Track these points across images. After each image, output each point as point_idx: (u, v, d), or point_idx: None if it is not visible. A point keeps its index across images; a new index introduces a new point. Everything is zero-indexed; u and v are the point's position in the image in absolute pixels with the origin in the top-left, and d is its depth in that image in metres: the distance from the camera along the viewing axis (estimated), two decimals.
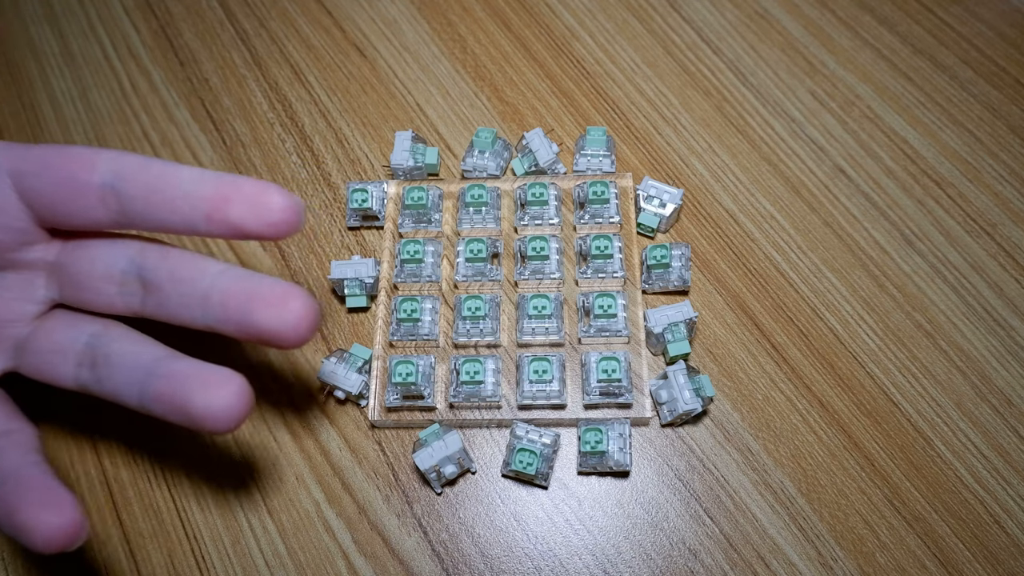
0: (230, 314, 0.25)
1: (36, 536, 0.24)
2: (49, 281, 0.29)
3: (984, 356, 0.34)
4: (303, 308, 0.25)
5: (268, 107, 0.42)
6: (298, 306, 0.25)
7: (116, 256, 0.28)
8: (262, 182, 0.25)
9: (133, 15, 0.46)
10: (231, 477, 0.33)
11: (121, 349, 0.27)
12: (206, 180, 0.25)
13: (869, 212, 0.37)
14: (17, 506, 0.24)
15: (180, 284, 0.26)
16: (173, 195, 0.25)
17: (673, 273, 0.34)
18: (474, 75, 0.42)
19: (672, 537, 0.31)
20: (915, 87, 0.40)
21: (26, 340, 0.28)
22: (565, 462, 0.33)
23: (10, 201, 0.27)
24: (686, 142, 0.39)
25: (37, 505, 0.24)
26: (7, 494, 0.24)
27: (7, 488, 0.25)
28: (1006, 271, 0.36)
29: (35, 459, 0.26)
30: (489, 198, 0.36)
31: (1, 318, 0.28)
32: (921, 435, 0.32)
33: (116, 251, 0.28)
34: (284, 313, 0.24)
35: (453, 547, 0.31)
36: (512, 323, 0.35)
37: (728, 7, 0.44)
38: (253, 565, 0.31)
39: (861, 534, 0.31)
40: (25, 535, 0.24)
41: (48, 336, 0.28)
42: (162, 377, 0.26)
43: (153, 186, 0.26)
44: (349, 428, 0.34)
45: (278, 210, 0.25)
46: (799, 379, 0.34)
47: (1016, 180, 0.38)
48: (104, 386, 0.27)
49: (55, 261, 0.28)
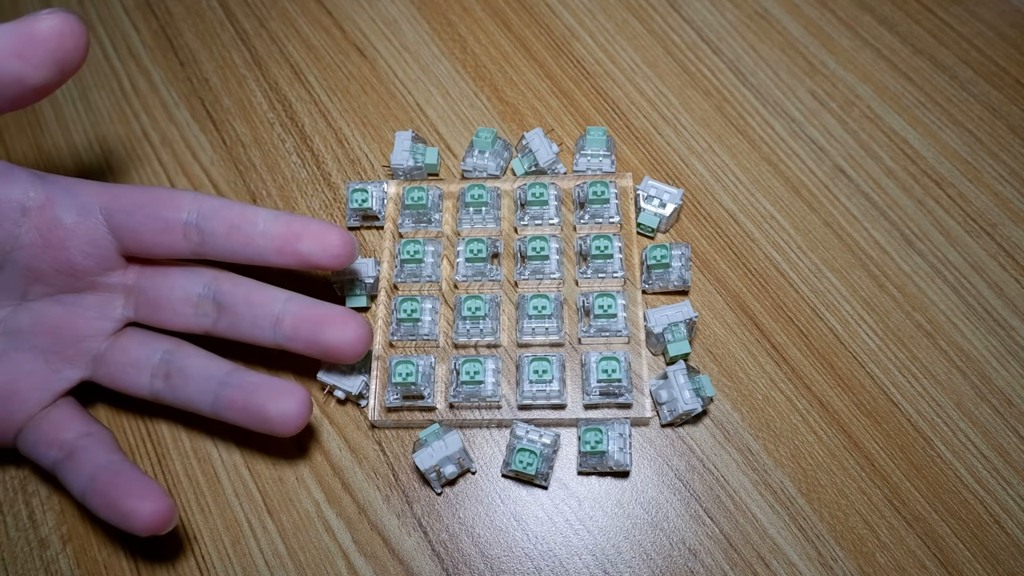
0: (300, 334, 0.30)
1: (137, 522, 0.28)
2: (127, 302, 0.32)
3: (984, 356, 0.34)
4: (360, 329, 0.30)
5: (268, 107, 0.42)
6: (356, 327, 0.30)
7: (193, 282, 0.32)
8: (325, 223, 0.30)
9: (133, 15, 0.46)
10: (231, 477, 0.33)
11: (195, 363, 0.31)
12: (280, 220, 0.30)
13: (869, 212, 0.37)
14: (118, 497, 0.28)
15: (254, 308, 0.31)
16: (251, 232, 0.30)
17: (673, 273, 0.34)
18: (474, 75, 0.42)
19: (672, 537, 0.31)
20: (915, 87, 0.40)
21: (103, 354, 0.32)
22: (565, 462, 0.33)
23: (101, 234, 0.31)
24: (686, 142, 0.39)
25: (135, 495, 0.28)
26: (105, 487, 0.29)
27: (103, 481, 0.29)
28: (1006, 271, 0.36)
29: (120, 456, 0.30)
30: (489, 198, 0.36)
31: (81, 334, 0.32)
32: (921, 435, 0.32)
33: (193, 277, 0.32)
34: (348, 333, 0.30)
35: (453, 547, 0.31)
36: (512, 323, 0.35)
37: (728, 7, 0.44)
38: (253, 565, 0.31)
39: (861, 534, 0.31)
40: (127, 521, 0.28)
41: (124, 351, 0.32)
42: (236, 387, 0.30)
43: (233, 224, 0.30)
44: (349, 428, 0.34)
45: (339, 244, 0.30)
46: (799, 379, 0.34)
47: (1016, 180, 0.38)
48: (178, 395, 0.31)
49: (133, 285, 0.32)
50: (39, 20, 0.28)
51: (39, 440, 0.31)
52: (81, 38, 0.28)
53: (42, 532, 0.32)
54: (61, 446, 0.30)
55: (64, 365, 0.32)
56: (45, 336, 0.31)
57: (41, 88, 0.28)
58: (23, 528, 0.32)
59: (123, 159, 0.41)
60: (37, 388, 0.31)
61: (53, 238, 0.30)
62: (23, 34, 0.27)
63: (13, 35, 0.27)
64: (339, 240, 0.30)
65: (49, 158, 0.41)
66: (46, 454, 0.30)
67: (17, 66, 0.27)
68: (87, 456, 0.30)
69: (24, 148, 0.42)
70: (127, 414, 0.34)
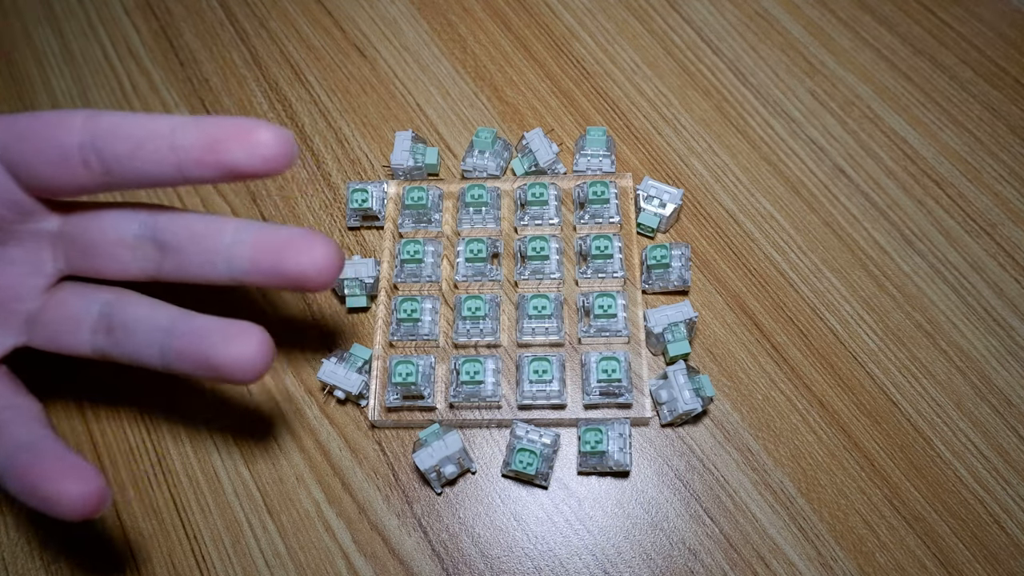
0: (260, 264, 0.26)
1: (63, 507, 0.24)
2: (56, 253, 0.29)
3: (984, 356, 0.34)
4: (328, 249, 0.26)
5: (268, 107, 0.42)
6: (323, 250, 0.26)
7: (127, 221, 0.28)
8: (246, 119, 0.25)
9: (133, 15, 0.46)
10: (231, 477, 0.33)
11: (137, 313, 0.28)
12: (193, 125, 0.25)
13: (869, 212, 0.37)
14: (40, 479, 0.25)
15: (201, 241, 0.27)
16: (160, 146, 0.25)
17: (673, 273, 0.34)
18: (474, 75, 0.42)
19: (672, 537, 0.31)
20: (915, 87, 0.40)
21: (37, 314, 0.29)
22: (565, 462, 0.33)
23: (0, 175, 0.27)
24: (686, 142, 0.39)
25: (59, 476, 0.24)
26: (25, 467, 0.25)
27: (23, 461, 0.25)
28: (1006, 271, 0.36)
29: (45, 432, 0.27)
30: (489, 198, 0.36)
31: (10, 293, 0.28)
32: (921, 435, 0.32)
33: (125, 217, 0.28)
34: (313, 257, 0.26)
35: (453, 547, 0.31)
36: (512, 323, 0.35)
37: (728, 7, 0.44)
38: (253, 565, 0.31)
39: (861, 534, 0.31)
40: (51, 506, 0.24)
41: (59, 307, 0.29)
42: (183, 335, 0.27)
43: (137, 140, 0.26)
44: (349, 428, 0.34)
45: (270, 143, 0.25)
46: (799, 379, 0.34)
47: (1016, 180, 0.38)
48: (123, 349, 0.28)
49: (59, 232, 0.29)
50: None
51: None
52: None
53: (42, 532, 0.32)
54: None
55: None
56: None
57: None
58: (23, 528, 0.32)
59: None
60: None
61: None
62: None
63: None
64: (272, 138, 0.25)
65: None
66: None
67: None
68: (7, 432, 0.26)
69: None
70: (127, 414, 0.34)
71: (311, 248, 0.26)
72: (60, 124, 0.26)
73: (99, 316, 0.28)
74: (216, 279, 0.27)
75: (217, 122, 0.25)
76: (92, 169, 0.26)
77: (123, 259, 0.28)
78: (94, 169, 0.26)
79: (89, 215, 0.28)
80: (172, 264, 0.28)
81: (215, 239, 0.27)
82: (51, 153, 0.26)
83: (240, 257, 0.27)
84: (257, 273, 0.27)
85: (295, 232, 0.26)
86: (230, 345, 0.26)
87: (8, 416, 0.27)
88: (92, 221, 0.28)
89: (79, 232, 0.28)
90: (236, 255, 0.27)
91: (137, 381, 0.35)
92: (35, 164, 0.26)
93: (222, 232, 0.27)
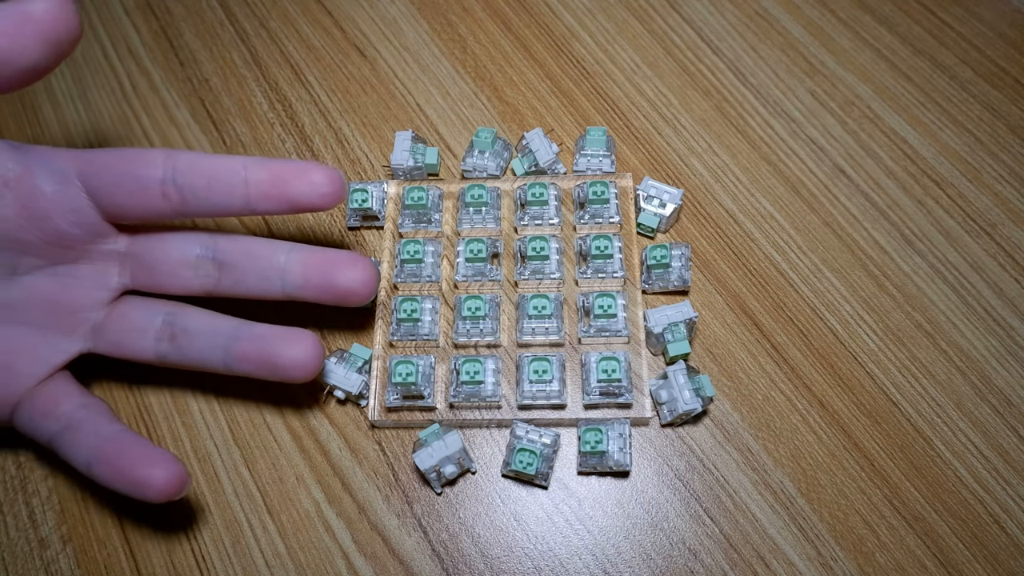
0: (311, 281, 0.30)
1: (151, 489, 0.28)
2: (122, 270, 0.32)
3: (984, 356, 0.34)
4: (370, 269, 0.31)
5: (268, 107, 0.42)
6: (365, 268, 0.31)
7: (189, 243, 0.32)
8: (309, 162, 0.30)
9: (133, 15, 0.46)
10: (231, 477, 0.33)
11: (200, 321, 0.31)
12: (261, 165, 0.30)
13: (869, 212, 0.37)
14: (129, 466, 0.28)
15: (258, 260, 0.31)
16: (233, 181, 0.30)
17: (673, 273, 0.34)
18: (474, 75, 0.42)
19: (672, 537, 0.31)
20: (915, 87, 0.40)
21: (102, 324, 0.32)
22: (565, 462, 0.33)
23: (81, 201, 0.30)
24: (686, 142, 0.39)
25: (145, 463, 0.28)
26: (113, 456, 0.29)
27: (109, 451, 0.29)
28: (1006, 271, 0.36)
29: (121, 426, 0.30)
30: (489, 198, 0.36)
31: (78, 305, 0.32)
32: (921, 435, 0.32)
33: (188, 238, 0.32)
34: (358, 274, 0.30)
35: (453, 547, 0.31)
36: (512, 323, 0.35)
37: (728, 7, 0.44)
38: (253, 565, 0.31)
39: (861, 534, 0.31)
40: (141, 490, 0.28)
41: (123, 318, 0.32)
42: (245, 340, 0.31)
43: (212, 176, 0.30)
44: (349, 428, 0.34)
45: (326, 182, 0.30)
46: (799, 379, 0.34)
47: (1016, 180, 0.38)
48: (186, 354, 0.31)
49: (126, 251, 0.32)
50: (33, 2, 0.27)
51: (35, 413, 0.30)
52: (74, 20, 0.28)
53: (42, 532, 0.32)
54: (59, 417, 0.30)
55: (61, 338, 0.31)
56: (39, 309, 0.31)
57: (32, 70, 0.28)
58: (23, 528, 0.32)
59: None
60: (33, 362, 0.31)
61: (36, 209, 0.29)
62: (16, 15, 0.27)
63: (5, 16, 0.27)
64: (325, 178, 0.30)
65: None
66: (43, 426, 0.30)
67: (8, 46, 0.27)
68: (88, 427, 0.30)
69: None
70: (127, 415, 0.34)
71: (355, 266, 0.30)
72: (142, 160, 0.30)
73: (163, 325, 0.31)
74: (271, 294, 0.31)
75: (282, 162, 0.30)
76: (170, 200, 0.30)
77: (184, 276, 0.32)
78: (172, 200, 0.30)
79: (154, 237, 0.32)
80: (230, 281, 0.31)
81: (271, 259, 0.31)
82: (132, 185, 0.30)
83: (294, 274, 0.31)
84: (309, 288, 0.31)
85: (342, 253, 0.31)
86: (291, 348, 0.30)
87: (86, 414, 0.30)
88: (156, 242, 0.32)
89: (144, 252, 0.32)
90: (290, 272, 0.31)
91: (137, 381, 0.35)
92: (116, 194, 0.30)
93: (277, 253, 0.31)
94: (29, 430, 0.31)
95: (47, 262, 0.31)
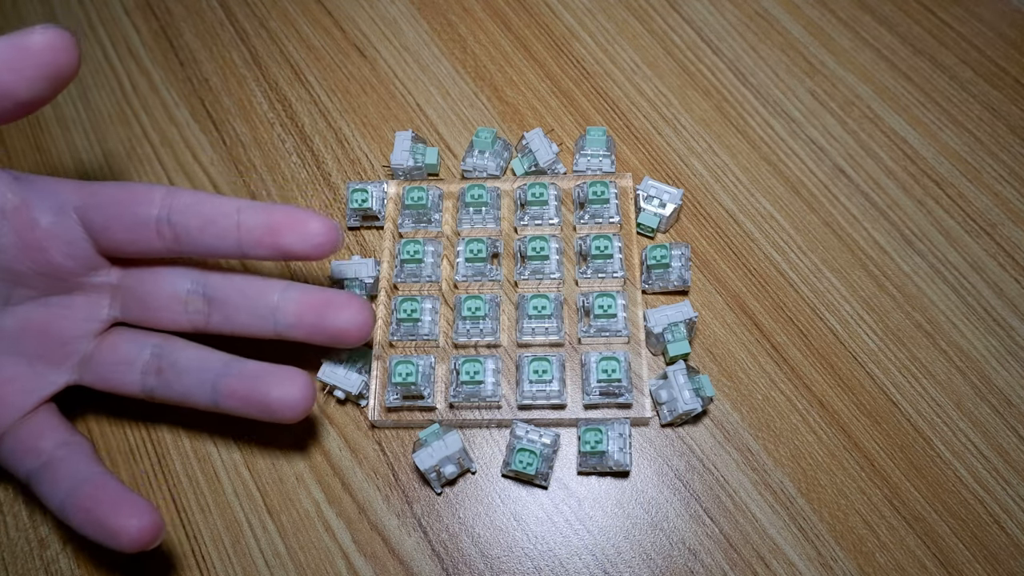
0: (304, 320, 0.30)
1: (124, 539, 0.27)
2: (112, 302, 0.32)
3: (984, 356, 0.34)
4: (365, 311, 0.30)
5: (268, 107, 0.42)
6: (360, 309, 0.30)
7: (181, 278, 0.31)
8: (305, 210, 0.29)
9: (133, 15, 0.46)
10: (231, 477, 0.33)
11: (188, 355, 0.31)
12: (256, 211, 0.29)
13: (869, 212, 0.37)
14: (104, 514, 0.27)
15: (250, 299, 0.30)
16: (227, 225, 0.29)
17: (673, 273, 0.34)
18: (474, 75, 0.42)
19: (672, 537, 0.31)
20: (915, 87, 0.40)
21: (90, 355, 0.31)
22: (565, 462, 0.33)
23: (76, 233, 0.30)
24: (686, 142, 0.39)
25: (120, 512, 0.27)
26: (88, 501, 0.28)
27: (85, 495, 0.28)
28: (1006, 271, 0.36)
29: (100, 468, 0.29)
30: (489, 198, 0.36)
31: (68, 335, 0.31)
32: (921, 435, 0.32)
33: (180, 274, 0.31)
34: (353, 316, 0.30)
35: (453, 547, 0.31)
36: (512, 323, 0.35)
37: (728, 7, 0.44)
38: (253, 565, 0.31)
39: (861, 534, 0.31)
40: (114, 540, 0.27)
41: (112, 350, 0.31)
42: (235, 376, 0.30)
43: (207, 218, 0.29)
44: (349, 428, 0.34)
45: (321, 233, 0.29)
46: (799, 379, 0.34)
47: (1016, 180, 0.38)
48: (173, 388, 0.31)
49: (118, 284, 0.32)
50: (32, 34, 0.27)
51: (16, 448, 0.30)
52: (73, 53, 0.28)
53: (42, 532, 0.32)
54: (39, 454, 0.29)
55: (49, 369, 0.31)
56: (30, 340, 0.31)
57: (30, 103, 0.28)
58: (23, 528, 0.32)
59: (123, 159, 0.41)
60: (20, 392, 0.30)
61: (32, 240, 0.29)
62: (15, 48, 0.27)
63: (5, 49, 0.27)
64: (320, 228, 0.29)
65: (49, 158, 0.41)
66: (22, 462, 0.30)
67: (8, 80, 0.27)
68: (66, 467, 0.29)
69: (24, 148, 0.42)
70: (127, 414, 0.34)
71: (350, 308, 0.30)
72: (142, 197, 0.30)
73: (150, 358, 0.31)
74: (262, 333, 0.31)
75: (276, 209, 0.29)
76: (164, 238, 0.30)
77: (175, 311, 0.31)
78: (166, 238, 0.30)
79: (146, 271, 0.32)
80: (220, 317, 0.31)
81: (264, 297, 0.30)
82: (129, 221, 0.30)
83: (287, 313, 0.30)
84: (302, 328, 0.30)
85: (338, 293, 0.30)
86: (280, 387, 0.29)
87: (65, 453, 0.30)
88: (148, 276, 0.31)
89: (136, 285, 0.31)
90: (283, 311, 0.30)
91: None
92: (112, 228, 0.30)
93: (270, 291, 0.30)
94: (10, 464, 0.30)
95: (40, 293, 0.31)
